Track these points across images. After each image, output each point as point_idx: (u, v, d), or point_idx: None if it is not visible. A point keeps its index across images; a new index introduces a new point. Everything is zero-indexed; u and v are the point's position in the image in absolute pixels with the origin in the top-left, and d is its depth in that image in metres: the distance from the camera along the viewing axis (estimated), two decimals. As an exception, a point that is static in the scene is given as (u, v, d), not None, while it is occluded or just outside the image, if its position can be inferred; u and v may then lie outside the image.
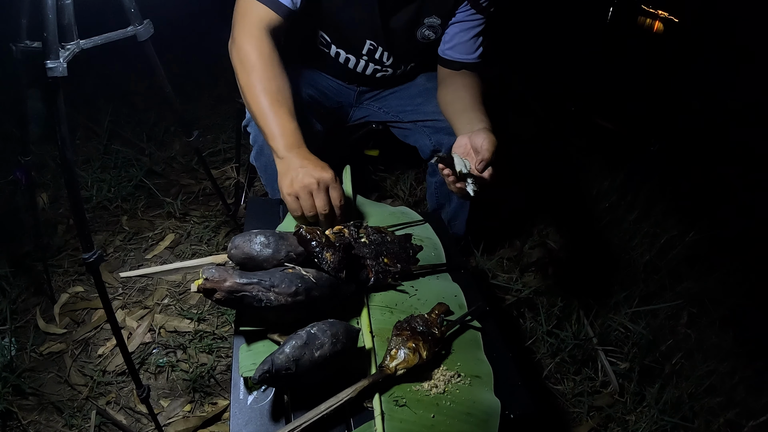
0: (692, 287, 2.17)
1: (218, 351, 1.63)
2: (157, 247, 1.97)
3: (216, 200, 2.19)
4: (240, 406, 0.87)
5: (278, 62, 1.25)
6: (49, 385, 1.51)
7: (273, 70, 1.23)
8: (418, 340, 0.95)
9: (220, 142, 2.58)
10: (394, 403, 0.90)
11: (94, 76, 2.79)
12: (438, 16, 1.49)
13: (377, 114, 1.79)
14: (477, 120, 1.32)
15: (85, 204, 2.05)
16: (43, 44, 0.99)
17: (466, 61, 1.53)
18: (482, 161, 1.15)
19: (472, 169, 1.16)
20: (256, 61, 1.23)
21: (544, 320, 1.85)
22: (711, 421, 1.72)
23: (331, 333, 0.86)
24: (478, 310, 1.11)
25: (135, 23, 1.25)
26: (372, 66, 1.61)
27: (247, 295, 0.88)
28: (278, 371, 0.79)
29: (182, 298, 1.79)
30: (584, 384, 1.73)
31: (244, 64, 1.24)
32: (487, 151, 1.16)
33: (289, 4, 1.29)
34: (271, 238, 1.00)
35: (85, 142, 2.44)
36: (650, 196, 2.62)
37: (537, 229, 2.30)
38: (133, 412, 1.47)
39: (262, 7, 1.26)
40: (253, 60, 1.23)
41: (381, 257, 1.14)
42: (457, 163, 1.13)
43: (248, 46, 1.24)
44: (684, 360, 1.88)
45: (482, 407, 0.93)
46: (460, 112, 1.40)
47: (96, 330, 1.67)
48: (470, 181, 1.14)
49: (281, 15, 1.28)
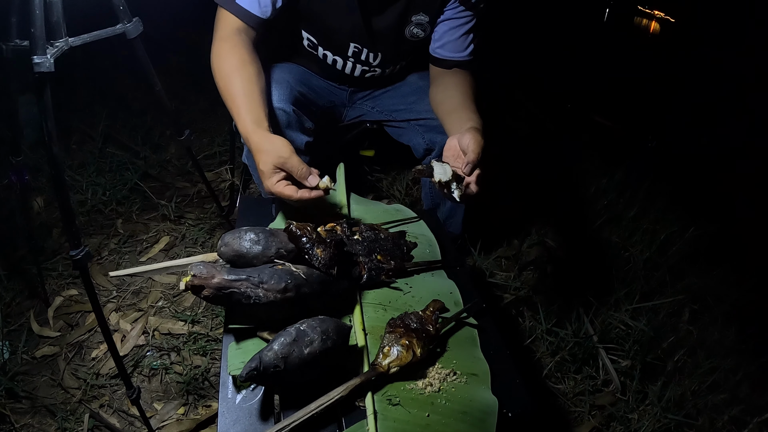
0: (693, 283, 2.15)
1: (212, 353, 1.61)
2: (152, 250, 1.96)
3: (211, 203, 2.17)
4: (228, 405, 0.85)
5: (248, 58, 1.28)
6: (42, 388, 1.49)
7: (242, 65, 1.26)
8: (411, 337, 0.93)
9: (215, 144, 2.57)
10: (387, 402, 0.88)
11: (89, 81, 2.78)
12: (426, 14, 1.48)
13: (371, 113, 1.78)
14: (466, 119, 1.31)
15: (80, 207, 2.06)
16: (30, 40, 0.98)
17: (457, 59, 1.52)
18: (468, 164, 1.15)
19: (458, 171, 1.15)
20: (226, 57, 1.27)
21: (544, 319, 1.83)
22: (715, 419, 1.70)
23: (321, 330, 0.84)
24: (475, 307, 1.09)
25: (124, 21, 1.24)
26: (360, 67, 1.60)
27: (236, 292, 0.86)
28: (266, 369, 0.77)
29: (176, 300, 1.77)
30: (585, 383, 1.71)
31: (217, 63, 1.28)
32: (473, 152, 1.15)
33: (259, 14, 1.31)
34: (261, 234, 0.99)
35: (80, 146, 2.42)
36: (649, 193, 2.60)
37: (535, 228, 2.28)
38: (127, 415, 1.45)
39: (232, 17, 1.31)
40: (223, 57, 1.28)
41: (374, 254, 1.12)
42: (436, 173, 1.11)
43: (221, 48, 1.29)
44: (686, 357, 1.85)
45: (479, 406, 0.91)
46: (450, 111, 1.40)
47: (90, 333, 1.65)
48: (454, 186, 1.12)
49: (251, 24, 1.32)
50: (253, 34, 1.33)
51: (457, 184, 1.13)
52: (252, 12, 1.30)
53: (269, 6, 1.32)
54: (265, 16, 1.32)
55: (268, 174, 1.11)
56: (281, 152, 1.10)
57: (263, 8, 1.31)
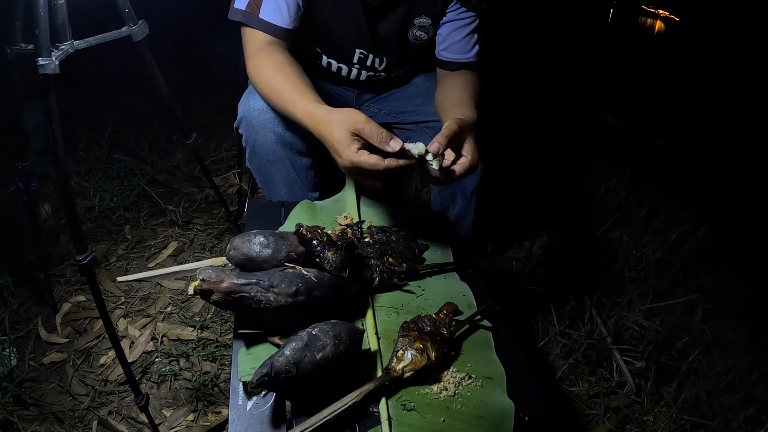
0: (706, 282, 2.12)
1: (221, 359, 1.60)
2: (160, 256, 1.95)
3: (219, 208, 2.17)
4: (239, 411, 0.83)
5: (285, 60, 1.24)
6: (50, 395, 1.48)
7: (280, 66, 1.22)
8: (425, 340, 0.91)
9: (223, 149, 2.57)
10: (401, 408, 0.86)
11: (95, 87, 2.79)
12: (428, 16, 1.46)
13: (378, 116, 1.76)
14: (460, 114, 1.28)
15: (87, 214, 2.05)
16: (35, 42, 0.98)
17: (462, 60, 1.50)
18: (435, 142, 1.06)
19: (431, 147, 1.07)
20: (263, 66, 1.24)
21: (556, 320, 1.81)
22: (731, 419, 1.68)
23: (334, 334, 0.82)
24: (488, 309, 1.07)
25: (129, 23, 1.24)
26: (365, 73, 1.58)
27: (246, 296, 0.84)
28: (278, 374, 0.76)
29: (185, 305, 1.76)
30: (600, 385, 1.68)
31: (256, 76, 1.25)
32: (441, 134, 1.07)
33: (284, 24, 1.29)
34: (271, 238, 0.97)
35: (87, 152, 2.42)
36: (659, 192, 2.58)
37: (546, 229, 2.26)
38: (135, 422, 1.44)
39: (259, 33, 1.28)
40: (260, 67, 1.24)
41: (386, 257, 1.10)
42: (408, 147, 1.05)
43: (256, 62, 1.26)
44: (701, 357, 1.83)
45: (495, 410, 0.89)
46: (448, 108, 1.37)
47: (98, 339, 1.64)
48: (430, 157, 1.07)
49: (279, 36, 1.29)
50: (284, 45, 1.30)
51: (433, 156, 1.08)
52: (278, 24, 1.28)
53: (293, 15, 1.29)
54: (291, 27, 1.30)
55: (345, 142, 1.00)
56: (356, 117, 1.00)
57: (287, 18, 1.28)
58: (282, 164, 1.41)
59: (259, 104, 1.34)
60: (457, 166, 1.10)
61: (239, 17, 1.28)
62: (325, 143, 1.07)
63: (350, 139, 1.00)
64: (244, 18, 1.27)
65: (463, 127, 1.11)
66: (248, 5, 1.27)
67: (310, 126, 1.10)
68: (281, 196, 1.46)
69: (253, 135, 1.37)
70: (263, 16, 1.26)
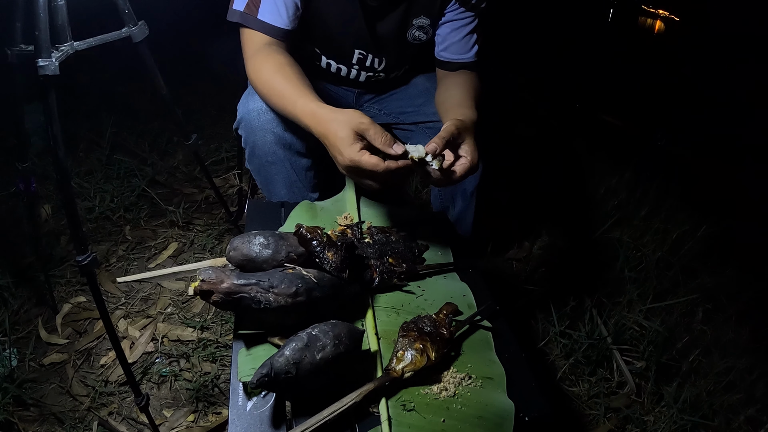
0: (707, 282, 2.13)
1: (222, 360, 1.60)
2: (160, 257, 1.95)
3: (219, 208, 2.17)
4: (239, 412, 0.83)
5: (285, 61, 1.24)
6: (50, 395, 1.48)
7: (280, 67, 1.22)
8: (425, 341, 0.91)
9: (223, 150, 2.57)
10: (401, 408, 0.86)
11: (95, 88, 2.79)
12: (426, 17, 1.46)
13: (378, 116, 1.76)
14: (459, 115, 1.28)
15: (88, 214, 2.05)
16: (35, 43, 0.98)
17: (461, 60, 1.50)
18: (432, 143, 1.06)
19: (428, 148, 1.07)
20: (261, 68, 1.24)
21: (556, 321, 1.81)
22: (731, 419, 1.68)
23: (334, 334, 0.82)
24: (488, 310, 1.07)
25: (129, 24, 1.24)
26: (364, 74, 1.58)
27: (246, 297, 0.84)
28: (278, 375, 0.76)
29: (185, 306, 1.76)
30: (600, 385, 1.68)
31: (255, 77, 1.25)
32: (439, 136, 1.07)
33: (283, 25, 1.28)
34: (271, 238, 0.97)
35: (87, 153, 2.42)
36: (659, 191, 2.58)
37: (546, 229, 2.26)
38: (136, 422, 1.44)
39: (258, 34, 1.28)
40: (258, 68, 1.24)
41: (385, 257, 1.10)
42: (409, 149, 1.06)
43: (255, 63, 1.26)
44: (701, 357, 1.83)
45: (495, 410, 0.89)
46: (448, 109, 1.37)
47: (98, 340, 1.64)
48: (429, 158, 1.07)
49: (278, 37, 1.29)
50: (283, 45, 1.30)
51: (432, 157, 1.08)
52: (276, 25, 1.27)
53: (291, 16, 1.29)
54: (290, 27, 1.30)
55: (348, 141, 1.00)
56: (361, 118, 1.01)
57: (286, 19, 1.28)
58: (281, 165, 1.41)
59: (259, 105, 1.34)
60: (457, 167, 1.11)
61: (238, 18, 1.28)
62: (326, 142, 1.07)
63: (353, 138, 1.00)
64: (243, 19, 1.27)
65: (461, 128, 1.11)
66: (247, 6, 1.27)
67: (311, 125, 1.10)
68: (281, 196, 1.46)
69: (253, 136, 1.37)
70: (262, 17, 1.26)
